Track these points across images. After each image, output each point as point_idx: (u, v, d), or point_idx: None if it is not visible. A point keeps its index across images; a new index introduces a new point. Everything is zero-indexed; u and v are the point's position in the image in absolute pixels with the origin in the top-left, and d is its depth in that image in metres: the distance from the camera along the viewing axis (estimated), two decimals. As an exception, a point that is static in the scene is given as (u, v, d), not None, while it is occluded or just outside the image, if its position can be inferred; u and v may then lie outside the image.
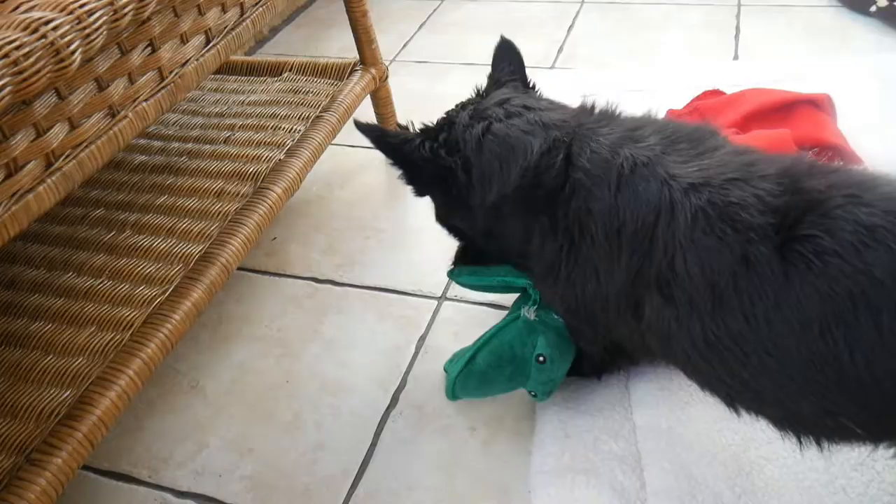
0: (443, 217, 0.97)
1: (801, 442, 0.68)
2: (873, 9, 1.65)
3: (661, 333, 0.70)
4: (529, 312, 0.90)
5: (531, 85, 0.92)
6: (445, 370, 1.00)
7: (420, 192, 0.93)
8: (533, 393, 0.91)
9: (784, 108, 1.24)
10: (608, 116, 0.80)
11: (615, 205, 0.71)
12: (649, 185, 0.69)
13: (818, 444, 0.67)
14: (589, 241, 0.73)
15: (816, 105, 1.24)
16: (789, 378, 0.62)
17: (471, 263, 0.99)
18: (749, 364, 0.64)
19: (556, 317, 0.90)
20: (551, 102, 0.86)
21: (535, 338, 0.88)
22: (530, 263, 0.85)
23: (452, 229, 0.97)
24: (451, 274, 0.99)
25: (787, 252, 0.61)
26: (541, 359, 0.87)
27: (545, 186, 0.77)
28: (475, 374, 0.87)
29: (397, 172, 0.91)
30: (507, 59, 0.92)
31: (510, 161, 0.79)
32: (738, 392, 0.68)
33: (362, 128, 0.89)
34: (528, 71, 0.95)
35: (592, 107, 0.83)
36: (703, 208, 0.65)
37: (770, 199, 0.63)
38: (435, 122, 0.89)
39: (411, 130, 0.90)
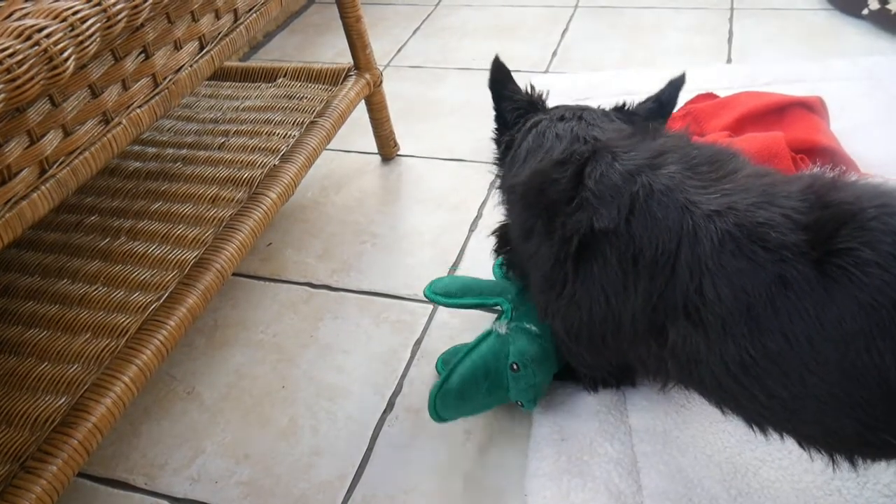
0: None
1: (833, 461, 0.66)
2: (865, 12, 1.66)
3: (688, 358, 0.68)
4: (501, 327, 0.90)
5: (650, 126, 0.89)
6: (437, 370, 1.01)
7: (498, 146, 0.99)
8: (520, 403, 0.90)
9: (777, 111, 1.24)
10: (641, 139, 0.79)
11: (628, 231, 0.70)
12: (668, 211, 0.68)
13: (851, 462, 0.65)
14: (600, 263, 0.72)
15: (809, 107, 1.25)
16: (832, 395, 0.60)
17: (505, 244, 1.02)
18: (789, 383, 0.62)
19: (527, 325, 0.90)
20: (612, 122, 0.87)
21: (507, 349, 0.88)
22: (529, 267, 0.85)
23: None
24: (426, 290, 1.00)
25: (825, 267, 0.59)
26: (514, 367, 0.87)
27: (549, 196, 0.78)
28: (452, 392, 0.86)
29: (393, 176, 0.91)
30: (660, 98, 0.92)
31: (534, 157, 0.84)
32: (773, 412, 0.66)
33: (496, 65, 0.95)
34: (522, 75, 0.95)
35: (637, 130, 0.82)
36: (730, 231, 0.64)
37: (798, 216, 0.63)
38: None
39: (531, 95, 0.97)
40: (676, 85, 0.92)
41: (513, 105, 0.94)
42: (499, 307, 0.96)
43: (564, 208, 0.75)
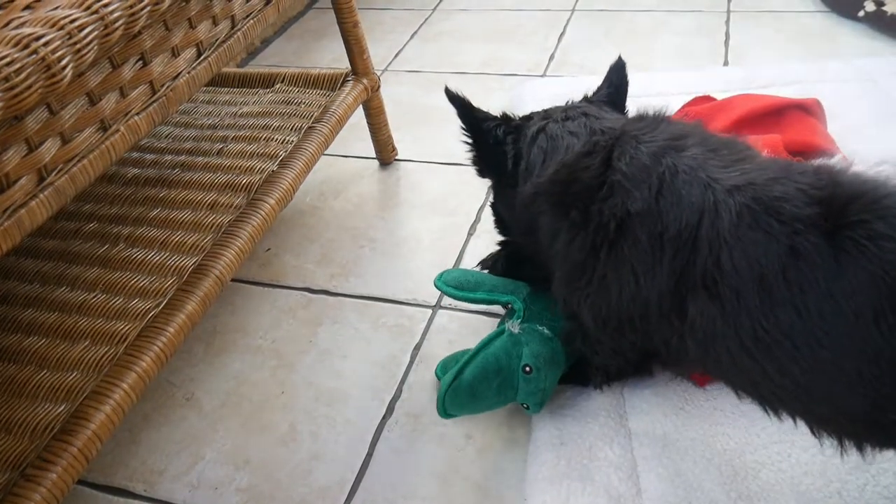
0: (495, 204, 1.03)
1: (842, 445, 0.66)
2: (861, 14, 1.67)
3: (706, 333, 0.69)
4: (514, 326, 0.90)
5: (625, 111, 0.95)
6: (437, 375, 1.01)
7: (481, 173, 0.98)
8: (525, 405, 0.90)
9: (774, 113, 1.24)
10: (655, 123, 0.81)
11: (657, 209, 0.71)
12: (692, 189, 0.70)
13: (860, 448, 0.65)
14: (630, 242, 0.73)
15: (806, 109, 1.25)
16: (842, 371, 0.60)
17: (501, 273, 1.03)
18: (800, 358, 0.62)
19: (539, 328, 0.90)
20: (611, 113, 0.90)
21: (519, 349, 0.88)
22: (554, 266, 0.85)
23: (500, 223, 1.03)
24: (437, 280, 1.00)
25: (837, 238, 0.60)
26: (527, 369, 0.87)
27: (581, 182, 0.78)
28: (463, 388, 0.86)
29: (391, 181, 0.91)
30: (611, 82, 0.96)
31: (552, 157, 0.85)
32: (785, 390, 0.66)
33: (451, 95, 0.94)
34: (519, 79, 0.95)
35: (643, 115, 0.84)
36: (748, 205, 0.65)
37: (813, 191, 0.64)
38: (520, 116, 0.96)
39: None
40: (619, 66, 0.96)
41: (493, 123, 0.94)
42: (510, 305, 0.96)
43: (596, 194, 0.76)
